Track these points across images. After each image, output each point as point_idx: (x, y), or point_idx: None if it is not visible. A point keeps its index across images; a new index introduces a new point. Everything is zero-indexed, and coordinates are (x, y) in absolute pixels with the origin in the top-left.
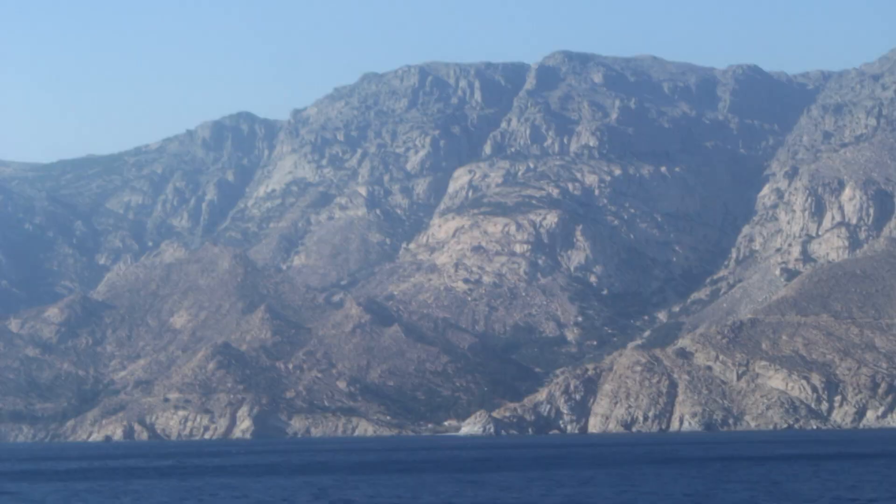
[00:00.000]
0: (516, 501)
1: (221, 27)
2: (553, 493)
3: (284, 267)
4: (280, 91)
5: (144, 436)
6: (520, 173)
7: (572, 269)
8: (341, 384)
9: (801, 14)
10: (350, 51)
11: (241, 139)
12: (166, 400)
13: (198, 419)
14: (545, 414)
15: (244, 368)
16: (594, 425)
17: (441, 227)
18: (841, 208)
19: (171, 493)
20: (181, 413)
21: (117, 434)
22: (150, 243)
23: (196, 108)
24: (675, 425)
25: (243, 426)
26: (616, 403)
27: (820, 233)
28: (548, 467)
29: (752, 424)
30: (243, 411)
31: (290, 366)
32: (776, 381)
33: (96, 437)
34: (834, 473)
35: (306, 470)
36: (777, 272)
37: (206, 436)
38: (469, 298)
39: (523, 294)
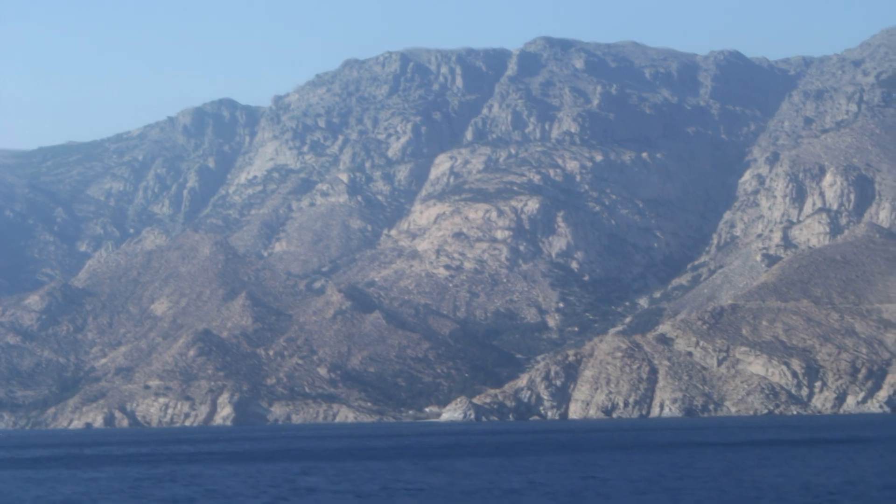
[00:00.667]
0: (473, 486)
1: (203, 14)
2: (513, 478)
3: (266, 254)
4: (261, 77)
5: (125, 423)
6: (501, 159)
7: (553, 255)
8: (322, 371)
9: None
10: (331, 37)
11: (223, 126)
12: (147, 387)
13: (178, 406)
14: (526, 400)
15: (225, 355)
16: (575, 411)
17: (422, 214)
18: (822, 194)
19: (133, 481)
20: (162, 400)
21: (98, 421)
22: (132, 230)
23: (177, 95)
24: (655, 411)
25: (224, 413)
26: (597, 389)
27: (801, 218)
28: (516, 454)
29: (733, 410)
30: (224, 398)
31: (271, 352)
32: (756, 366)
33: (77, 424)
34: (802, 459)
35: (278, 457)
36: (758, 258)
37: (187, 423)
38: (450, 285)
39: (504, 280)
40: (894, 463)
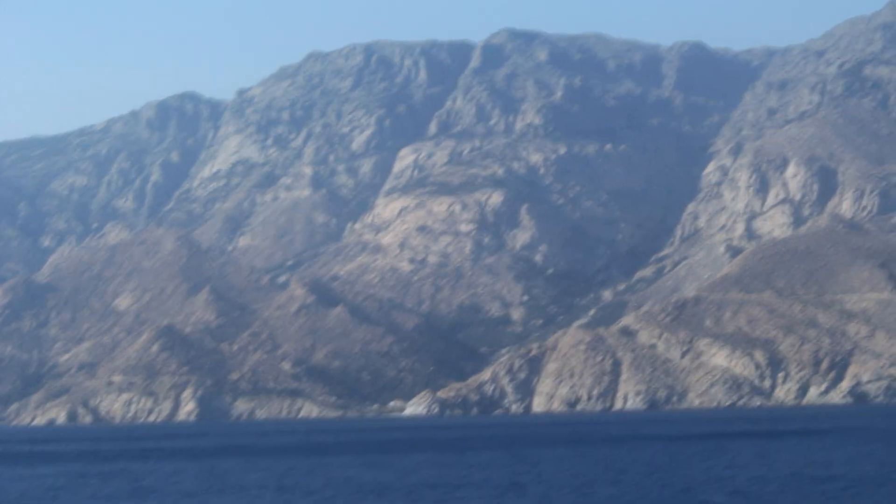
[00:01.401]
0: (403, 482)
1: (165, 6)
2: (455, 473)
3: (230, 248)
4: (225, 71)
5: (88, 419)
6: (465, 152)
7: (517, 248)
8: (286, 366)
9: None
10: (295, 30)
11: (186, 119)
12: (110, 383)
13: (142, 402)
14: (489, 394)
15: (188, 350)
16: (538, 405)
17: (386, 207)
18: (785, 185)
19: (77, 478)
20: (125, 396)
21: (61, 418)
22: (95, 225)
23: (140, 89)
24: (619, 404)
25: (187, 409)
26: (560, 382)
27: (764, 210)
28: (460, 449)
29: (696, 402)
30: (187, 394)
31: (235, 347)
32: (719, 358)
33: (40, 420)
34: (752, 451)
35: (231, 453)
36: (721, 249)
37: (151, 418)
38: (414, 278)
39: (469, 273)
40: (841, 455)
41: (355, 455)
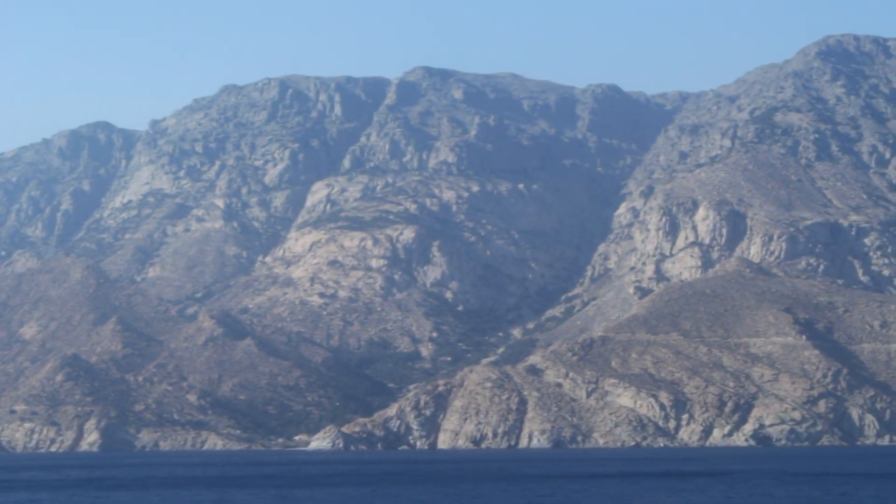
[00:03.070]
0: None
1: (78, 35)
2: None
3: (139, 279)
4: (139, 101)
5: None
6: (378, 188)
7: (428, 284)
8: (192, 397)
9: (660, 35)
10: (210, 62)
11: (99, 149)
12: (13, 412)
13: (44, 432)
14: (395, 429)
15: (93, 381)
16: (444, 441)
17: (298, 241)
18: (694, 228)
19: None
20: (27, 425)
21: None
22: (3, 252)
23: (52, 117)
24: (524, 442)
25: (90, 439)
26: (466, 419)
27: (673, 252)
28: (331, 485)
29: (601, 442)
30: (91, 424)
31: (141, 378)
32: (625, 398)
33: None
34: (614, 496)
35: (99, 485)
36: (631, 290)
37: (53, 448)
38: (324, 313)
39: (379, 309)
40: (717, 499)
41: (215, 489)
